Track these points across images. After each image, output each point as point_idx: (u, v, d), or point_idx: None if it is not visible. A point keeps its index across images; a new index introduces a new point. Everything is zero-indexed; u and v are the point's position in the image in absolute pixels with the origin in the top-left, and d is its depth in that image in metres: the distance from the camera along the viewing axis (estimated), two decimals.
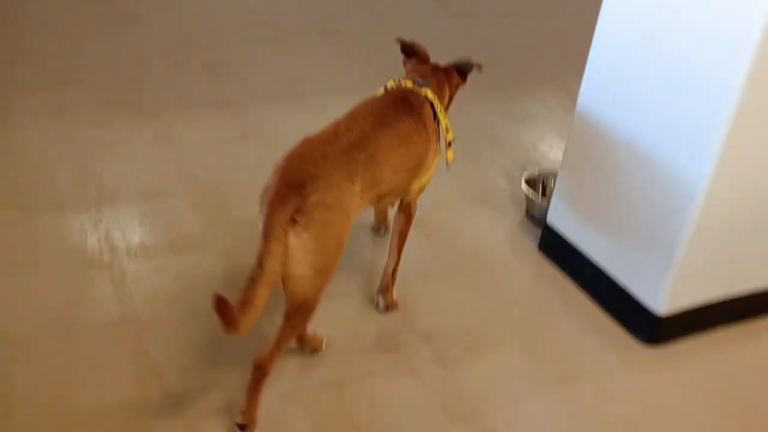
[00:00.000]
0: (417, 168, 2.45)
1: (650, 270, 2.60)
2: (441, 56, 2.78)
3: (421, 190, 2.62)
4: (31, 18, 4.96)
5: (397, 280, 2.69)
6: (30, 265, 2.72)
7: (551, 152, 4.00)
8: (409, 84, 2.52)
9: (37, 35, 4.73)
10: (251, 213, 3.14)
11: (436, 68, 2.68)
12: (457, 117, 2.76)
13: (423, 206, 3.18)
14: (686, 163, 2.39)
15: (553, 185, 3.14)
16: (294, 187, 2.01)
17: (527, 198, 3.36)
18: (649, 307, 2.62)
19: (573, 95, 2.83)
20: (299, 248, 1.99)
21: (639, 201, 2.61)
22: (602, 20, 2.67)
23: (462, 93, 2.79)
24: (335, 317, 2.56)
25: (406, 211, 2.65)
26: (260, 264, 1.92)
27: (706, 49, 2.27)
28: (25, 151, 3.43)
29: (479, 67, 2.74)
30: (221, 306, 1.83)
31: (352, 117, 2.32)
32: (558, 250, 3.04)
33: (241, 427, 2.13)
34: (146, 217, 3.06)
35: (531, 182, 3.40)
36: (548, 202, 3.10)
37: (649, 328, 2.66)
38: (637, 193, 2.61)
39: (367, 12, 6.06)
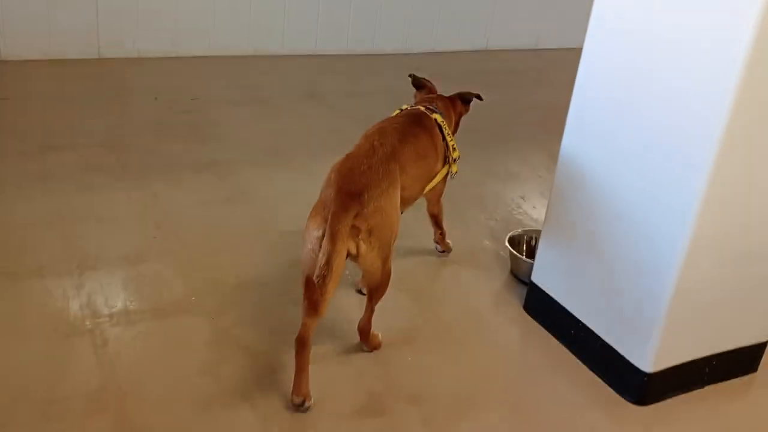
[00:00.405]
0: (428, 179, 2.92)
1: (637, 328, 2.60)
2: None
3: (436, 194, 3.13)
4: (19, 92, 4.98)
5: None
6: (10, 331, 2.67)
7: (534, 211, 4.03)
8: (422, 109, 2.98)
9: (22, 107, 4.74)
10: (236, 276, 3.14)
11: (442, 98, 3.18)
12: None
13: (406, 267, 3.18)
14: (667, 221, 2.42)
15: (537, 244, 3.15)
16: (353, 196, 2.36)
17: (511, 258, 3.37)
18: (636, 365, 2.61)
19: (555, 156, 2.87)
20: (369, 250, 2.40)
21: (623, 258, 2.63)
22: (580, 78, 2.73)
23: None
24: (322, 380, 2.52)
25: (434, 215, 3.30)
26: (329, 263, 2.22)
27: (682, 107, 2.32)
28: (7, 217, 3.41)
29: (479, 97, 3.25)
30: (311, 287, 2.17)
31: (380, 133, 2.69)
32: (543, 310, 3.04)
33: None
34: (130, 281, 3.03)
35: (515, 242, 3.42)
36: (532, 261, 3.11)
37: (637, 386, 2.64)
38: (621, 251, 2.63)
39: (349, 76, 6.16)
